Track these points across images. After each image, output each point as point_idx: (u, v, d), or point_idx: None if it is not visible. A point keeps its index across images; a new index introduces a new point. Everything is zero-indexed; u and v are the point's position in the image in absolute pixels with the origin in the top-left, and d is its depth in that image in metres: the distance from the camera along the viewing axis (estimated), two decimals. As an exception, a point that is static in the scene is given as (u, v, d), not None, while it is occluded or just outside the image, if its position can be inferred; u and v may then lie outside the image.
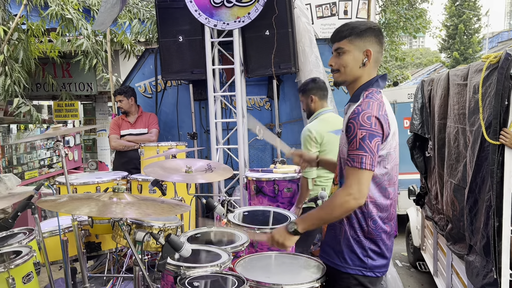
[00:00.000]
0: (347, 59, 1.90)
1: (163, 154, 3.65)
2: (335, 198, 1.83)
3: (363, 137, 1.76)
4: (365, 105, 1.81)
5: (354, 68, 1.90)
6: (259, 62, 4.54)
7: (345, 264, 1.93)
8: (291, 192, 3.42)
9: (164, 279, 2.09)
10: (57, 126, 2.52)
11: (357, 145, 1.77)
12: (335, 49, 1.94)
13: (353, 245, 1.91)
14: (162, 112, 5.29)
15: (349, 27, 1.90)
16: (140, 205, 1.85)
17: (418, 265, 5.69)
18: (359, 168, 1.77)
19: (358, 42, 1.88)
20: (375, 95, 1.86)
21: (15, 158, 8.89)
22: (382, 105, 1.83)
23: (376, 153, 1.78)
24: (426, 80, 4.38)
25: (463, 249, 3.12)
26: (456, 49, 26.77)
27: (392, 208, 1.95)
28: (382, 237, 1.91)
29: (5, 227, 2.27)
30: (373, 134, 1.77)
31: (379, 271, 1.94)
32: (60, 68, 7.56)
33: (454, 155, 3.30)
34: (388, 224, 1.94)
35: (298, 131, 4.99)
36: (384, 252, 1.93)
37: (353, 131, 1.78)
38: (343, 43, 1.90)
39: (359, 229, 1.91)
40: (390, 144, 1.86)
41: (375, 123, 1.77)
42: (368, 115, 1.78)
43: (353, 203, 1.79)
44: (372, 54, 1.89)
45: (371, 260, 1.91)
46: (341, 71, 1.93)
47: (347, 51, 1.90)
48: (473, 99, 2.82)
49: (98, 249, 3.00)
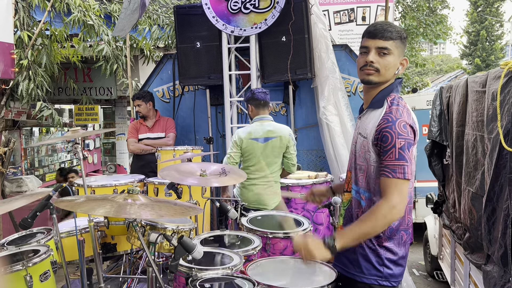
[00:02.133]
0: (390, 61, 1.83)
1: (179, 157, 3.69)
2: (378, 210, 1.75)
3: (402, 146, 1.72)
4: (396, 112, 1.77)
5: (391, 72, 1.86)
6: (275, 68, 4.57)
7: (361, 273, 1.90)
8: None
9: (176, 280, 2.11)
10: (76, 129, 2.58)
11: (396, 155, 1.73)
12: (379, 47, 1.82)
13: (368, 254, 1.88)
14: (179, 116, 5.36)
15: (396, 30, 1.84)
16: (153, 206, 1.88)
17: (435, 274, 5.59)
18: (402, 179, 1.73)
19: (400, 48, 1.85)
20: (400, 101, 1.84)
21: (37, 160, 9.11)
22: (410, 113, 1.81)
23: (413, 161, 1.75)
24: (445, 87, 4.32)
25: (480, 259, 3.06)
26: (478, 55, 26.30)
27: (407, 215, 1.91)
28: (397, 245, 1.88)
29: (24, 226, 2.33)
30: (410, 142, 1.74)
31: (395, 280, 1.91)
32: (82, 73, 7.72)
33: (472, 162, 3.24)
34: (405, 231, 1.90)
35: (314, 136, 5.00)
36: (399, 260, 1.91)
37: (391, 141, 1.73)
38: (390, 44, 1.82)
39: (374, 237, 1.87)
40: (414, 151, 1.83)
41: (410, 131, 1.75)
42: (403, 123, 1.74)
43: (396, 215, 1.75)
44: (406, 64, 1.88)
45: (387, 269, 1.87)
46: (381, 72, 1.84)
47: (392, 53, 1.83)
48: (491, 106, 2.77)
49: (114, 250, 3.04)
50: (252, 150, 3.45)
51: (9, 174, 7.01)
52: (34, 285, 2.16)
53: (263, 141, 3.45)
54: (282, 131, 3.48)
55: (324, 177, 3.58)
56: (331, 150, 4.54)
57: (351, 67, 4.82)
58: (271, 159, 3.44)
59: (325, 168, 4.81)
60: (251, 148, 3.45)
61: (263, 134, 3.45)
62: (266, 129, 3.47)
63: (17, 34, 5.45)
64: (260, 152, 3.43)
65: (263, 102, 3.61)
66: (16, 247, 2.49)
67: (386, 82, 1.88)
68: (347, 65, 4.81)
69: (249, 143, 3.45)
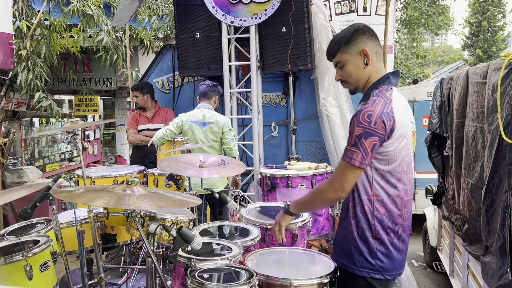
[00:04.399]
0: (349, 68, 1.94)
1: (179, 149, 3.70)
2: (320, 185, 1.92)
3: (359, 134, 1.76)
4: (371, 103, 1.80)
5: (359, 72, 1.93)
6: (275, 59, 4.55)
7: (353, 265, 1.89)
8: (304, 189, 3.42)
9: (175, 270, 2.12)
10: (75, 120, 2.57)
11: (352, 141, 1.78)
12: (334, 65, 1.99)
13: (360, 246, 1.87)
14: (179, 107, 5.35)
15: (336, 41, 1.96)
16: (152, 197, 1.88)
17: (434, 265, 5.62)
18: (347, 162, 1.78)
19: (351, 48, 1.92)
20: (384, 92, 1.84)
21: (37, 151, 9.11)
22: (389, 103, 1.80)
23: (370, 152, 1.76)
24: (445, 78, 4.31)
25: (479, 250, 3.07)
26: (480, 46, 26.16)
27: (403, 207, 1.89)
28: (391, 238, 1.86)
29: (24, 217, 2.33)
30: (370, 133, 1.75)
31: (389, 274, 1.88)
32: (81, 64, 7.69)
33: (472, 154, 3.24)
34: (400, 224, 1.88)
35: (314, 128, 5.00)
36: (393, 254, 1.87)
37: (351, 128, 1.80)
38: (338, 56, 1.95)
39: (366, 229, 1.86)
40: (398, 141, 1.82)
41: (376, 122, 1.74)
42: (369, 113, 1.76)
43: (332, 195, 1.83)
44: (369, 50, 1.90)
45: (379, 262, 1.86)
46: (349, 81, 1.97)
47: (345, 61, 1.93)
48: (491, 98, 2.76)
49: (114, 241, 3.06)
50: (192, 133, 3.92)
51: (9, 164, 7.02)
52: (34, 275, 2.17)
53: (202, 125, 3.93)
54: (219, 118, 3.95)
55: (324, 168, 3.57)
56: (331, 141, 4.54)
57: (351, 58, 4.79)
58: (211, 142, 3.92)
59: (325, 159, 4.81)
60: (191, 130, 3.93)
61: (202, 119, 3.93)
62: (204, 115, 3.94)
63: (16, 24, 5.42)
64: (199, 135, 3.91)
65: (202, 93, 4.07)
66: (16, 237, 2.51)
67: (364, 81, 1.94)
68: (347, 56, 4.78)
69: (189, 125, 3.93)
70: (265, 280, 1.98)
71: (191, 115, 3.98)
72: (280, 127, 5.10)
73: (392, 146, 1.81)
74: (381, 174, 1.84)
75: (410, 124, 1.93)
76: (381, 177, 1.84)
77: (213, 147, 3.95)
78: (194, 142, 3.92)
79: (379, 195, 1.85)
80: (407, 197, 1.90)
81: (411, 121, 1.97)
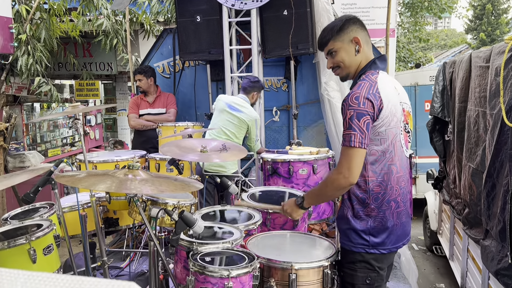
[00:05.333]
0: (341, 55, 2.00)
1: (180, 133, 3.70)
2: (328, 176, 1.95)
3: (351, 116, 1.82)
4: (357, 87, 1.87)
5: (351, 58, 1.99)
6: (276, 43, 4.50)
7: (350, 242, 1.97)
8: (305, 174, 3.43)
9: (177, 254, 2.14)
10: (76, 105, 2.57)
11: (347, 125, 1.84)
12: (326, 53, 2.05)
13: (355, 224, 1.94)
14: (180, 92, 5.33)
15: (328, 30, 2.02)
16: (153, 182, 1.89)
17: (434, 249, 5.67)
18: (348, 146, 1.82)
19: (343, 36, 1.98)
20: (370, 76, 1.92)
21: (39, 136, 9.12)
22: (374, 85, 1.87)
23: (366, 131, 1.82)
24: (448, 62, 4.27)
25: (479, 234, 3.09)
26: (483, 30, 25.85)
27: (395, 184, 1.94)
28: (385, 215, 1.93)
29: (26, 201, 2.35)
30: (361, 113, 1.81)
31: (384, 248, 1.95)
32: (81, 48, 7.65)
33: (473, 138, 3.24)
34: (393, 200, 1.94)
35: (315, 113, 4.98)
36: (388, 229, 1.93)
37: (343, 113, 1.86)
38: (330, 45, 2.01)
39: (361, 208, 1.94)
40: (388, 120, 1.88)
41: (364, 102, 1.81)
42: (356, 96, 1.83)
43: (343, 182, 1.85)
44: (360, 38, 1.98)
45: (373, 238, 1.93)
46: (341, 66, 2.03)
47: (338, 49, 2.00)
48: (494, 82, 2.74)
49: (116, 225, 3.07)
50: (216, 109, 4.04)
51: (11, 149, 7.03)
52: (38, 259, 2.19)
53: (230, 108, 3.95)
54: (251, 112, 3.98)
55: (326, 153, 3.57)
56: (332, 126, 4.52)
57: (353, 42, 4.75)
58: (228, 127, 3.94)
59: (326, 144, 4.81)
60: (217, 106, 4.05)
61: (233, 102, 4.00)
62: (237, 102, 4.00)
63: (15, 8, 5.37)
64: (222, 114, 3.98)
65: (242, 87, 4.14)
66: (19, 221, 2.52)
67: (355, 67, 2.01)
68: (349, 40, 4.74)
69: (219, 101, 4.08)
70: (266, 263, 2.00)
71: (227, 95, 4.16)
72: (281, 112, 5.09)
73: (383, 126, 1.88)
74: (374, 154, 1.90)
75: (401, 104, 1.99)
76: (374, 157, 1.91)
77: (225, 132, 3.93)
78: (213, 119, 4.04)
79: (373, 175, 1.91)
80: (399, 174, 1.96)
81: (404, 101, 2.03)
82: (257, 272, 1.91)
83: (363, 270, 1.96)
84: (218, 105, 4.03)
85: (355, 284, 1.98)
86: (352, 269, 1.98)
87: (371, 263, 1.95)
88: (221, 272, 1.79)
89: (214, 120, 4.04)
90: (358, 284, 1.97)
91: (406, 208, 2.02)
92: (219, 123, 3.95)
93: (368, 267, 1.95)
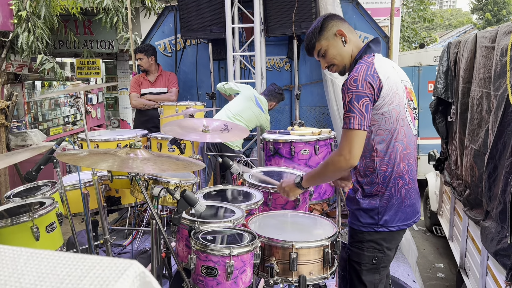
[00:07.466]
0: (331, 52, 2.04)
1: (182, 113, 3.68)
2: (329, 158, 1.96)
3: (350, 99, 1.83)
4: (354, 71, 1.89)
5: (341, 51, 2.03)
6: (279, 21, 4.44)
7: (358, 222, 1.99)
8: (307, 154, 3.43)
9: (179, 232, 2.16)
10: (77, 83, 2.55)
11: (346, 108, 1.85)
12: (317, 56, 2.10)
13: (363, 203, 1.96)
14: (181, 71, 5.28)
15: (310, 35, 2.07)
16: (155, 161, 1.89)
17: (434, 230, 5.72)
18: (348, 128, 1.83)
19: (326, 34, 2.03)
20: (366, 59, 1.93)
21: (40, 114, 9.11)
22: (371, 66, 1.87)
23: (365, 113, 1.82)
24: (453, 42, 4.21)
25: (479, 215, 3.11)
26: (489, 9, 25.43)
27: (401, 161, 1.94)
28: (392, 192, 1.94)
29: (29, 179, 2.36)
30: (359, 95, 1.82)
31: (392, 225, 1.96)
32: (82, 26, 7.55)
33: (476, 120, 3.22)
34: (401, 178, 1.94)
35: (318, 93, 4.95)
36: (395, 205, 1.94)
37: (343, 96, 1.88)
38: (317, 46, 2.06)
39: (369, 188, 1.95)
40: (391, 99, 1.88)
41: (362, 84, 1.83)
42: (354, 78, 1.84)
43: (343, 163, 1.86)
44: (343, 30, 2.01)
45: (381, 216, 1.94)
46: (336, 63, 2.06)
47: (326, 47, 2.04)
48: (500, 63, 2.70)
49: (118, 203, 3.10)
50: (239, 93, 4.18)
51: (13, 127, 7.03)
52: (41, 236, 2.22)
53: (256, 101, 4.08)
54: (267, 113, 4.18)
55: (328, 133, 3.56)
56: (335, 107, 4.50)
57: (358, 21, 4.68)
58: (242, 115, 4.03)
59: (328, 125, 4.79)
60: (241, 92, 4.17)
61: (257, 98, 4.12)
62: (261, 100, 4.17)
63: (14, -16, 5.29)
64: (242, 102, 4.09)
65: (267, 91, 4.32)
66: (22, 199, 2.54)
67: (349, 58, 2.04)
68: (353, 19, 4.66)
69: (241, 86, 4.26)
70: (267, 242, 2.02)
71: (255, 90, 4.25)
72: (284, 92, 5.06)
73: (385, 106, 1.88)
74: (381, 134, 1.91)
75: (402, 82, 1.99)
76: (381, 137, 1.91)
77: (243, 117, 4.00)
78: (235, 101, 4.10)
79: (380, 154, 1.92)
80: (406, 151, 1.96)
81: (403, 79, 2.02)
82: (258, 251, 1.93)
83: (371, 250, 1.97)
84: (246, 93, 4.10)
85: (361, 263, 2.00)
86: (359, 248, 2.00)
87: (379, 242, 1.96)
88: (223, 251, 1.81)
89: (236, 102, 4.09)
90: (364, 263, 1.99)
91: (415, 185, 2.02)
92: (241, 107, 4.02)
93: (376, 247, 1.97)
